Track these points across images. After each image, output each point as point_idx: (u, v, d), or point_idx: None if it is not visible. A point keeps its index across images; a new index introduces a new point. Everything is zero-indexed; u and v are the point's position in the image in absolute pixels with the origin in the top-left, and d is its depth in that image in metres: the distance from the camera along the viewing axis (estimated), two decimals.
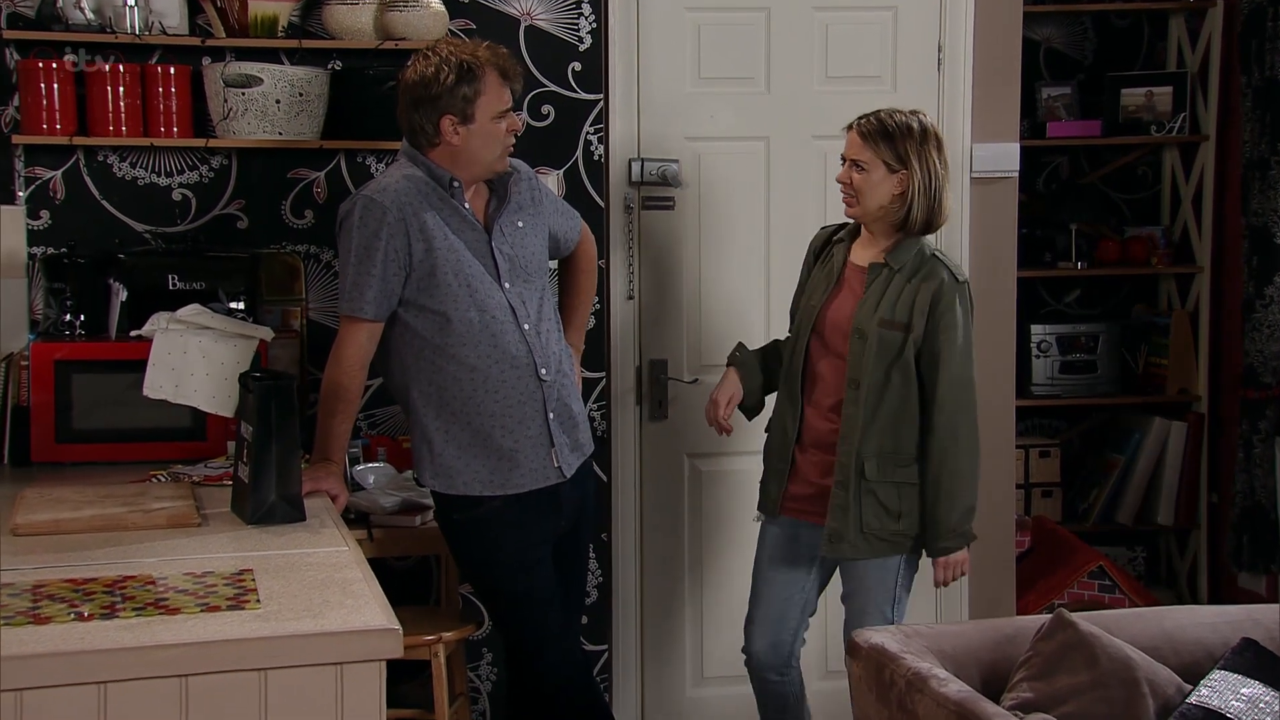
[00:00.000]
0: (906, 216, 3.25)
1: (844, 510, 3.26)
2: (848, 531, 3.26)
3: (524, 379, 3.21)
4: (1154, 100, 4.99)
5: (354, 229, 3.14)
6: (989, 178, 4.15)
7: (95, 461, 3.37)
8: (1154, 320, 5.11)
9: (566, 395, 3.30)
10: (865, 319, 3.25)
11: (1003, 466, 4.22)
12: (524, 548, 3.27)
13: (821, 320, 3.32)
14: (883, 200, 3.25)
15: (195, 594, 2.33)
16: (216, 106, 3.62)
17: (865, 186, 3.24)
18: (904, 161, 3.22)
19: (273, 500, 2.83)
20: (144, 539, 2.70)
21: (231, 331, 3.41)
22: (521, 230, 3.27)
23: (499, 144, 3.18)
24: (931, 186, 3.23)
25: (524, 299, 3.24)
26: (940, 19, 4.11)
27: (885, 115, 3.26)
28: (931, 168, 3.23)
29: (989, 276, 4.15)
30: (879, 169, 3.23)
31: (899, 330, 3.22)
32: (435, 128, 3.14)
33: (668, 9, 3.99)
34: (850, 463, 3.24)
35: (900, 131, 3.23)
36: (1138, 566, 5.12)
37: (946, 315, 3.22)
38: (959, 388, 3.24)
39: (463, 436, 3.21)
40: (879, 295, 3.25)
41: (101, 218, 3.71)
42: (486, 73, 3.13)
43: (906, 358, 3.23)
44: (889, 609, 3.33)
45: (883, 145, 3.22)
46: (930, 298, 3.21)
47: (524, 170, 3.35)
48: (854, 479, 3.24)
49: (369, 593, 2.36)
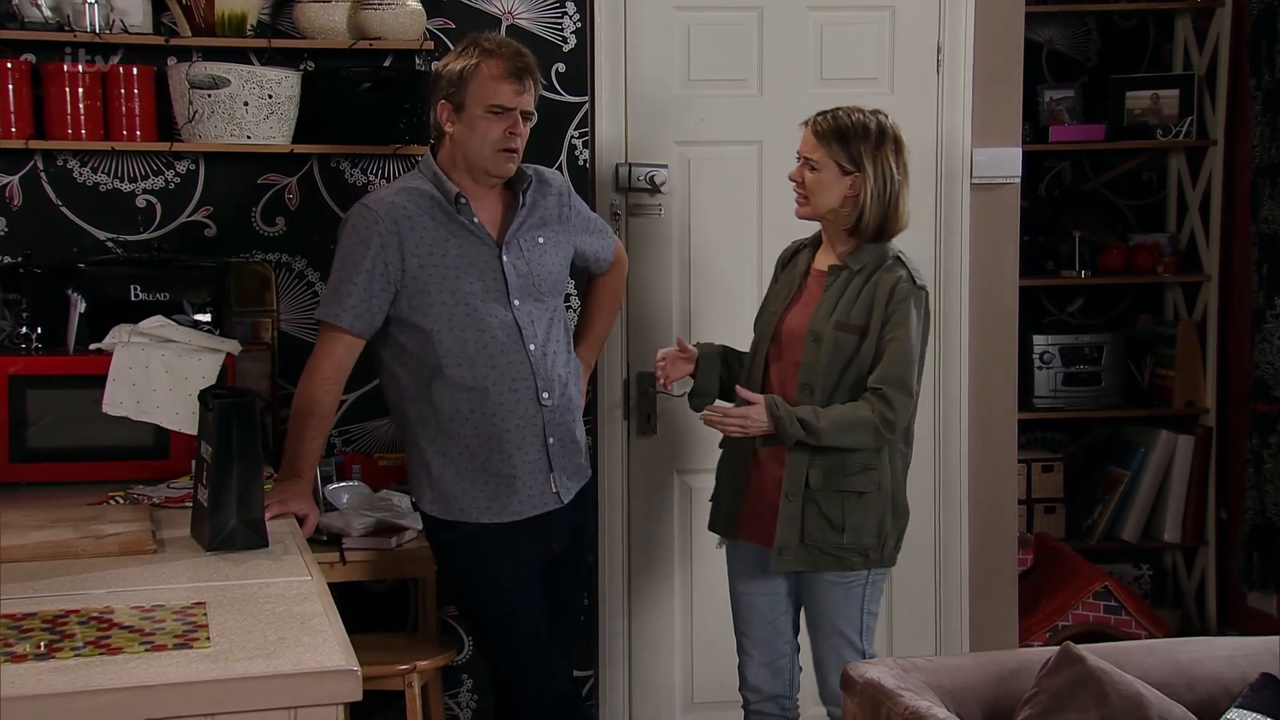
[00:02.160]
0: (858, 221, 3.13)
1: (791, 521, 3.13)
2: (791, 542, 3.13)
3: (524, 402, 3.09)
4: (1160, 103, 4.95)
5: (346, 235, 3.07)
6: (990, 183, 4.09)
7: (51, 482, 3.27)
8: (1160, 330, 5.07)
9: (570, 421, 3.19)
10: (821, 321, 3.13)
11: (1004, 481, 4.17)
12: (512, 569, 3.15)
13: (780, 327, 3.22)
14: (833, 202, 3.14)
15: (141, 631, 2.21)
16: (181, 109, 3.52)
17: (816, 186, 3.13)
18: (857, 164, 3.11)
19: (233, 525, 2.71)
20: (93, 568, 2.59)
21: (196, 345, 3.33)
22: (541, 246, 3.17)
23: (488, 142, 3.05)
24: (886, 191, 3.12)
25: (533, 318, 3.12)
26: (939, 19, 4.04)
27: (843, 114, 3.15)
28: (887, 172, 3.12)
29: (989, 285, 4.10)
30: (831, 169, 3.12)
31: (854, 333, 3.10)
32: (436, 114, 3.10)
33: (656, 8, 3.91)
34: (799, 472, 3.11)
35: (856, 132, 3.12)
36: (1144, 585, 5.06)
37: (896, 313, 3.08)
38: (891, 385, 3.06)
39: (460, 460, 3.11)
40: (836, 298, 3.14)
41: (61, 225, 3.62)
42: (484, 60, 3.04)
43: (861, 361, 3.10)
44: (857, 636, 3.18)
45: (836, 145, 3.11)
46: (885, 296, 3.09)
47: (556, 183, 3.25)
48: (801, 488, 3.11)
49: (329, 628, 2.25)
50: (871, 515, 3.12)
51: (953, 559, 4.14)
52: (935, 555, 4.13)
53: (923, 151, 4.01)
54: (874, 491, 3.12)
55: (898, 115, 3.96)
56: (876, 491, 3.12)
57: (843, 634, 3.18)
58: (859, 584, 3.17)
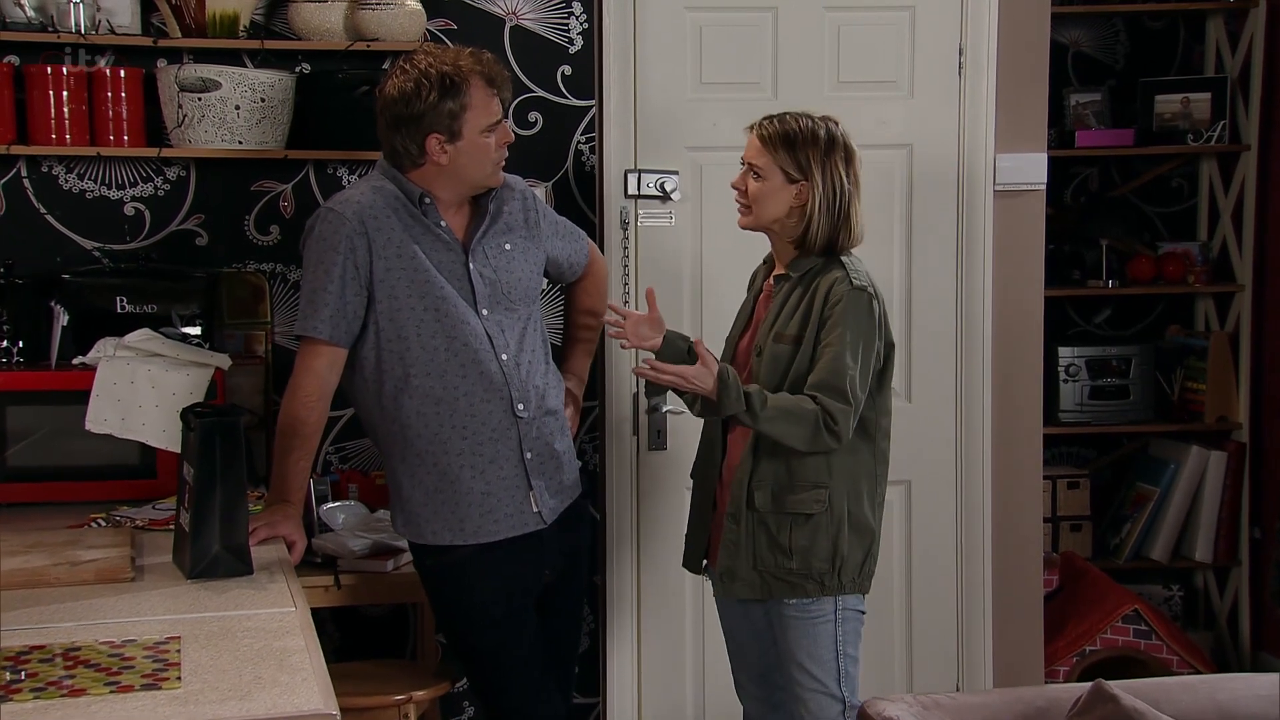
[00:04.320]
0: (805, 233, 2.97)
1: (735, 545, 2.98)
2: (739, 568, 2.98)
3: (497, 414, 2.97)
4: (1191, 107, 4.86)
5: (313, 242, 2.95)
6: (1014, 190, 4.03)
7: (32, 502, 3.19)
8: (1191, 343, 4.97)
9: (549, 433, 3.06)
10: (764, 336, 3.00)
11: (1029, 499, 4.11)
12: (498, 599, 3.03)
13: (738, 351, 3.09)
14: (777, 212, 2.98)
15: (108, 670, 2.11)
16: (171, 113, 3.45)
17: (760, 195, 2.97)
18: (805, 171, 2.94)
19: (216, 551, 2.61)
20: (66, 598, 2.49)
21: (184, 359, 3.25)
22: (508, 253, 3.05)
23: (489, 160, 2.97)
24: (836, 202, 2.95)
25: (503, 327, 3.01)
26: (962, 20, 3.97)
27: (790, 119, 2.98)
28: (837, 181, 2.95)
29: (1013, 296, 4.04)
30: (776, 177, 2.96)
31: (788, 343, 2.95)
32: (420, 148, 2.93)
33: (667, 8, 3.85)
34: (741, 493, 2.97)
35: (804, 138, 2.95)
36: (1174, 606, 4.96)
37: (832, 317, 2.91)
38: (823, 389, 2.87)
39: (429, 479, 2.98)
40: (779, 309, 3.00)
41: (46, 234, 3.55)
42: (472, 83, 2.91)
43: (797, 371, 2.92)
44: (833, 681, 2.98)
45: (782, 151, 2.95)
46: (821, 301, 2.94)
47: (518, 186, 3.13)
48: (744, 510, 2.97)
49: (309, 667, 2.14)
50: (823, 537, 2.95)
51: (975, 580, 4.05)
52: (957, 576, 4.05)
53: (944, 157, 3.98)
54: (822, 512, 2.95)
55: (918, 120, 3.98)
56: (826, 512, 2.95)
57: (812, 674, 2.98)
58: (826, 618, 2.98)
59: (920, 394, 4.00)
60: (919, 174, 3.96)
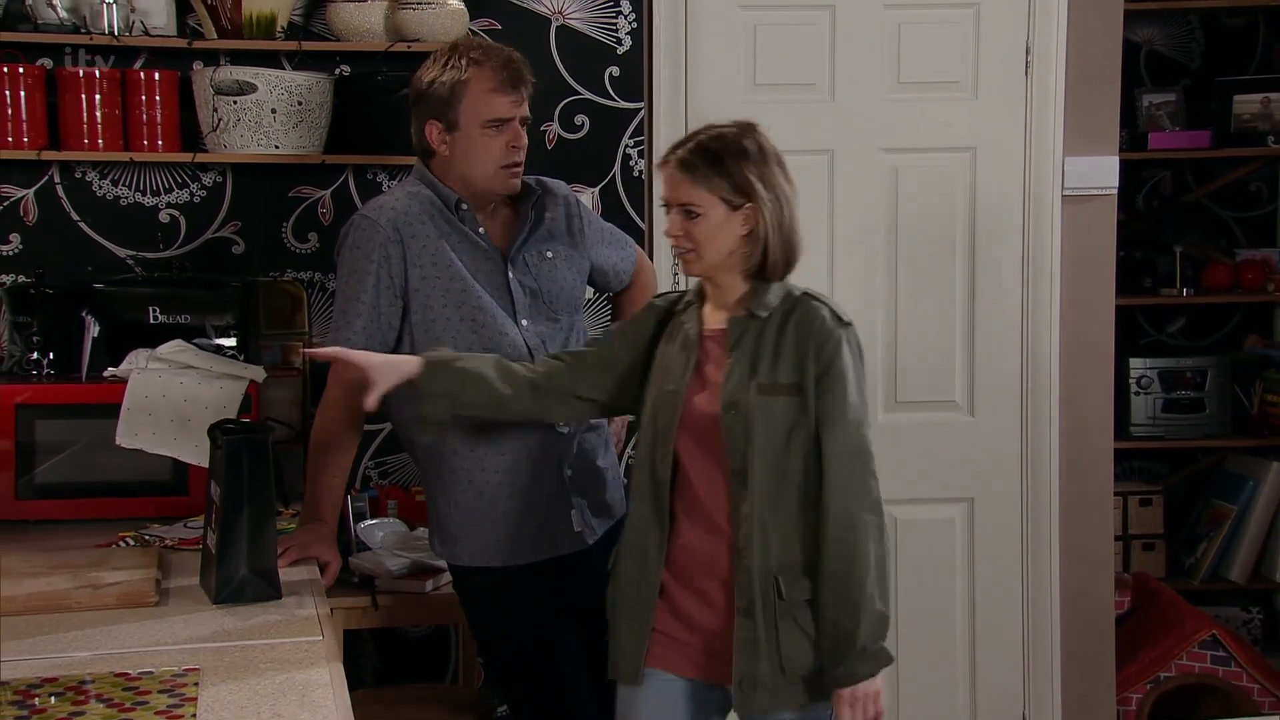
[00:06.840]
0: (764, 259, 2.57)
1: (753, 647, 2.50)
2: (763, 675, 2.50)
3: (537, 430, 2.86)
4: (1271, 108, 4.74)
5: (347, 250, 2.87)
6: (1084, 195, 3.96)
7: (61, 519, 3.12)
8: (1270, 354, 4.83)
9: (590, 449, 2.96)
10: (737, 388, 2.53)
11: (1099, 516, 4.05)
12: (539, 623, 2.91)
13: (689, 410, 2.58)
14: (730, 246, 2.56)
15: (120, 706, 2.01)
16: (206, 116, 3.40)
17: (704, 235, 2.54)
18: (746, 192, 2.54)
19: (243, 575, 2.52)
20: (86, 624, 2.41)
21: (218, 372, 3.17)
22: (550, 261, 2.95)
23: (491, 160, 2.85)
24: (784, 215, 2.57)
25: (544, 338, 2.91)
26: (1028, 17, 3.93)
27: (707, 139, 2.57)
28: (780, 192, 2.57)
29: (1083, 305, 3.98)
30: (717, 209, 2.54)
31: (788, 394, 2.53)
32: (421, 134, 2.89)
33: (719, 7, 3.84)
34: (753, 581, 2.50)
35: (733, 153, 2.54)
36: (1253, 630, 4.80)
37: (833, 367, 2.52)
38: (854, 460, 2.52)
39: (465, 498, 2.88)
40: (750, 355, 2.56)
41: (79, 242, 3.52)
42: (475, 73, 2.82)
43: (804, 429, 2.52)
44: None
45: (716, 178, 2.54)
46: (814, 346, 2.54)
47: (560, 192, 3.03)
48: (764, 603, 2.50)
49: (332, 703, 2.04)
50: None
51: (1042, 602, 3.96)
52: (1023, 600, 3.96)
53: (1010, 161, 3.91)
54: None
55: (982, 121, 3.89)
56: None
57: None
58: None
59: (983, 407, 3.92)
60: (983, 178, 3.89)
